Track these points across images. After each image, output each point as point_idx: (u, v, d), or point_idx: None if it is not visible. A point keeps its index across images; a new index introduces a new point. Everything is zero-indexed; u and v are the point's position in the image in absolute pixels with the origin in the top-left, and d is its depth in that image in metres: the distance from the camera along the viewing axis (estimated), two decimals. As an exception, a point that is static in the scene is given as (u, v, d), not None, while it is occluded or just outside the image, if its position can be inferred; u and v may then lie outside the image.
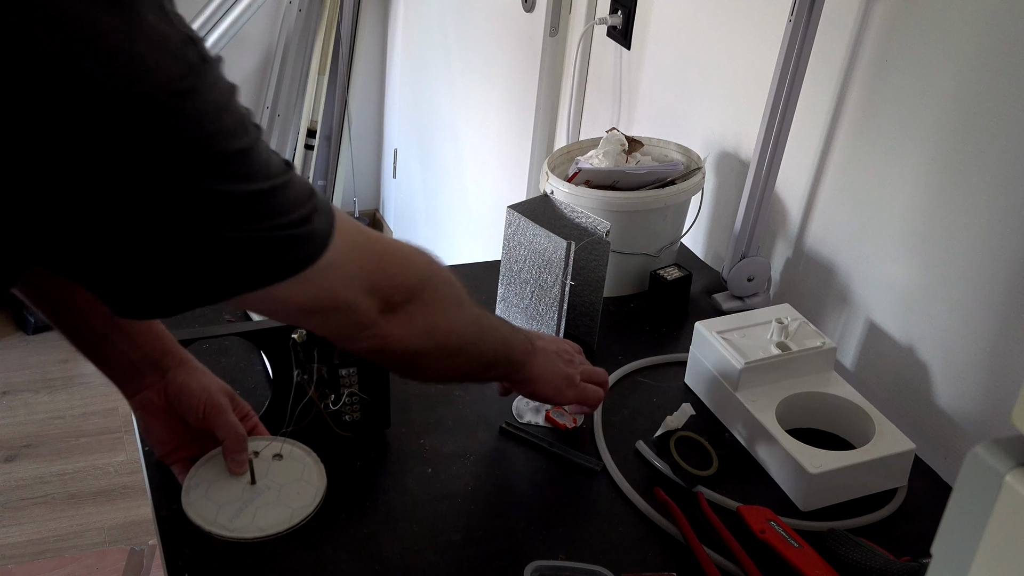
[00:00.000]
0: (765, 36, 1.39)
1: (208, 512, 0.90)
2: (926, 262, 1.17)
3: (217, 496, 0.91)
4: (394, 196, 3.44)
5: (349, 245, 0.73)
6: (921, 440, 1.14)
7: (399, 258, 0.82)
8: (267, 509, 0.90)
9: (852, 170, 1.27)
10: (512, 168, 2.32)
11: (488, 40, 2.42)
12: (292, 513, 0.90)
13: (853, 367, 1.30)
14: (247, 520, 0.89)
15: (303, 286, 0.70)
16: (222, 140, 0.62)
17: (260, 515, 0.90)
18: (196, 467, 0.94)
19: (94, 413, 2.71)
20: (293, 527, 0.89)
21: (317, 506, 0.91)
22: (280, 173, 0.66)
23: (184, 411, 0.94)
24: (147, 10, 0.58)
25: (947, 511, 0.51)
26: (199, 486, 0.92)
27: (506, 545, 0.97)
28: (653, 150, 1.48)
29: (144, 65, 0.57)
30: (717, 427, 1.16)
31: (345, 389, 1.04)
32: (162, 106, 0.57)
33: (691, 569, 0.96)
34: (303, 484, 0.93)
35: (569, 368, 1.06)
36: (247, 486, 0.92)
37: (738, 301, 1.40)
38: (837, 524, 1.02)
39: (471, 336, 0.90)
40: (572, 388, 1.05)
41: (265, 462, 0.95)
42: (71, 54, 0.54)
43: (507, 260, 1.25)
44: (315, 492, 0.93)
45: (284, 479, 0.94)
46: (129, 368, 0.93)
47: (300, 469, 0.95)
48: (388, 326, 0.80)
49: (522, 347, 0.99)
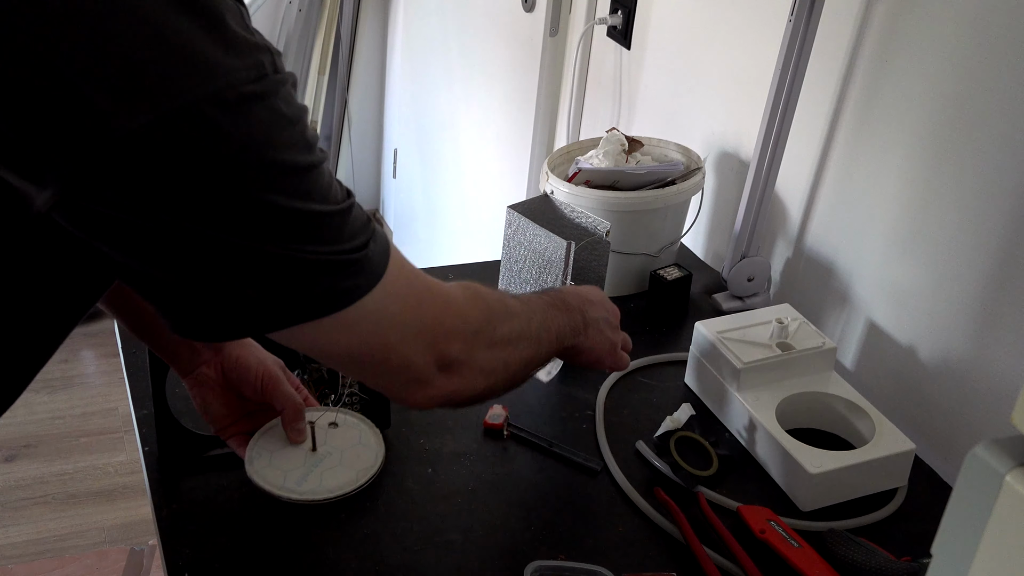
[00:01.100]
0: (765, 36, 1.39)
1: (275, 478, 0.93)
2: (926, 262, 1.17)
3: (281, 463, 0.95)
4: (394, 196, 3.44)
5: (404, 286, 0.71)
6: (921, 440, 1.14)
7: (456, 308, 0.77)
8: (332, 472, 0.95)
9: (852, 170, 1.27)
10: (512, 168, 2.32)
11: (488, 40, 2.42)
12: (357, 475, 0.95)
13: (853, 367, 1.30)
14: (315, 483, 0.93)
15: (351, 327, 0.68)
16: (286, 151, 0.61)
17: (326, 478, 0.94)
18: (256, 438, 0.97)
19: (94, 413, 2.71)
20: (360, 487, 0.94)
21: (380, 467, 0.96)
22: (341, 200, 0.65)
23: (241, 384, 0.97)
24: (230, 19, 0.58)
25: (947, 511, 0.51)
26: (262, 455, 0.96)
27: (506, 545, 0.97)
28: (653, 150, 1.48)
29: (219, 65, 0.57)
30: (717, 427, 1.16)
31: (345, 389, 1.04)
32: (230, 105, 0.57)
33: (691, 569, 0.96)
34: (362, 448, 0.98)
35: (615, 335, 1.02)
36: (309, 453, 0.96)
37: (738, 301, 1.40)
38: (837, 524, 1.02)
39: (529, 355, 0.87)
40: (612, 356, 1.02)
41: (322, 430, 0.98)
42: (150, 59, 0.55)
43: (507, 260, 1.25)
44: (375, 455, 0.98)
45: (343, 444, 0.98)
46: (185, 347, 0.95)
47: (357, 435, 0.99)
48: (448, 383, 0.77)
49: (575, 330, 0.95)
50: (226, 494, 1.00)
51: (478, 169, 2.59)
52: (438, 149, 2.89)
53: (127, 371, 1.15)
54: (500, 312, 0.83)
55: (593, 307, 1.00)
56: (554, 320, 0.93)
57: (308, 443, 0.97)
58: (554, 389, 1.20)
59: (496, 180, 2.46)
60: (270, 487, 0.93)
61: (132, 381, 1.14)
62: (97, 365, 2.88)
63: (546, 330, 0.90)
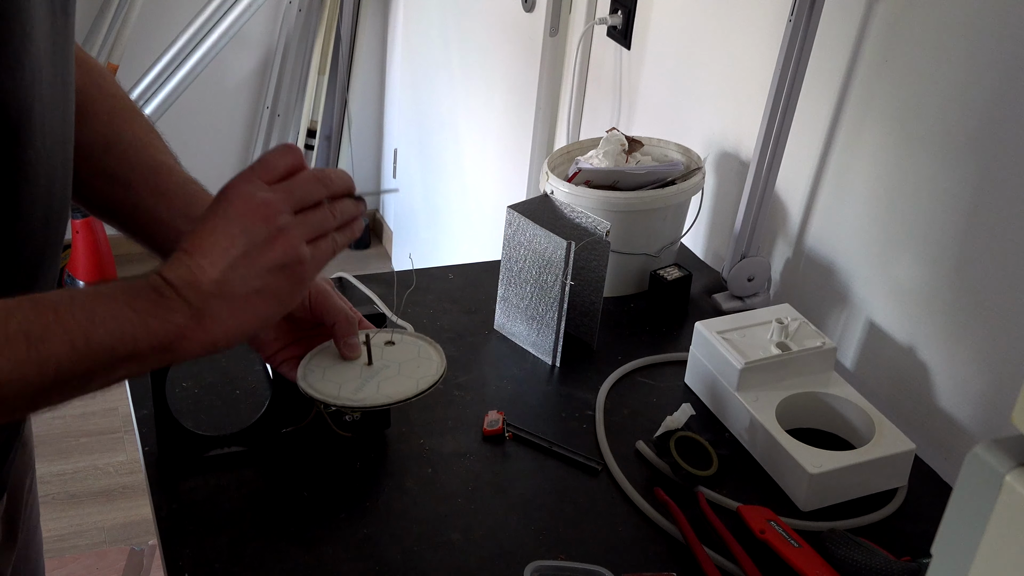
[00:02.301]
0: (765, 36, 1.39)
1: (330, 389, 0.89)
2: (926, 262, 1.17)
3: (335, 377, 0.91)
4: (394, 196, 3.44)
5: None
6: (921, 440, 1.14)
7: None
8: (390, 382, 0.90)
9: (852, 170, 1.27)
10: (512, 168, 2.32)
11: (488, 40, 2.42)
12: (417, 383, 0.90)
13: (853, 367, 1.30)
14: (371, 391, 0.89)
15: None
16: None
17: (384, 387, 0.90)
18: (308, 357, 0.93)
19: (94, 413, 2.71)
20: (421, 393, 0.89)
21: (442, 375, 0.91)
22: None
23: None
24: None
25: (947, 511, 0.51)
26: (314, 372, 0.91)
27: (506, 545, 0.97)
28: (653, 150, 1.48)
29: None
30: (717, 427, 1.16)
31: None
32: None
33: (691, 569, 0.96)
34: (422, 360, 0.94)
35: (271, 252, 0.73)
36: (364, 367, 0.92)
37: (738, 301, 1.40)
38: (837, 524, 1.02)
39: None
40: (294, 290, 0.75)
41: (378, 348, 0.95)
42: None
43: (507, 260, 1.25)
44: (436, 366, 0.93)
45: (402, 358, 0.94)
46: None
47: (416, 350, 0.95)
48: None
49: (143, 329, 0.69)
50: (226, 494, 1.00)
51: (478, 169, 2.59)
52: (438, 149, 2.89)
53: (127, 371, 1.15)
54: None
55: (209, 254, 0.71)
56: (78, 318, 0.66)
57: (363, 358, 0.93)
58: (554, 389, 1.20)
59: (496, 180, 2.46)
60: (324, 397, 0.88)
61: (132, 381, 1.13)
62: (97, 365, 2.88)
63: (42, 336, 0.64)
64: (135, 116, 0.94)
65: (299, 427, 1.03)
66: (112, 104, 0.92)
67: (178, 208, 0.89)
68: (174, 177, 0.91)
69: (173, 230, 0.89)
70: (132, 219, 0.91)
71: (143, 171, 0.90)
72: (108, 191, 0.90)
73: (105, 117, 0.91)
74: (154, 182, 0.90)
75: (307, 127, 3.29)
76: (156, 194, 0.90)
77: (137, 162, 0.90)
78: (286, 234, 0.74)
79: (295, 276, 0.75)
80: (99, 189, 0.90)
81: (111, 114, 0.91)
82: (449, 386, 1.18)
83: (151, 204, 0.90)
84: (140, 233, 0.92)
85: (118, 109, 0.92)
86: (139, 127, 0.93)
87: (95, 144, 0.88)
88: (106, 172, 0.89)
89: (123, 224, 0.92)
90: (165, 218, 0.89)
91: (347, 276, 1.34)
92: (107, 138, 0.90)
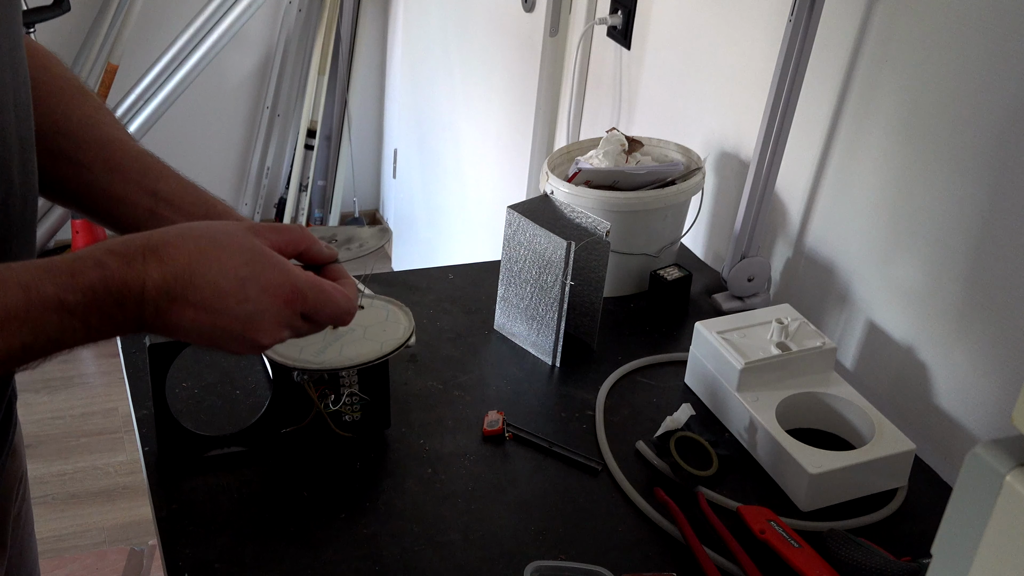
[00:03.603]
0: (765, 36, 1.39)
1: (291, 352, 0.88)
2: (926, 262, 1.17)
3: (298, 340, 0.86)
4: (394, 196, 3.44)
5: None
6: (921, 440, 1.14)
7: None
8: (353, 345, 0.89)
9: (852, 170, 1.27)
10: (512, 168, 2.32)
11: (488, 40, 2.42)
12: (381, 346, 0.89)
13: (853, 367, 1.30)
14: (334, 354, 0.88)
15: None
16: None
17: (347, 350, 0.88)
18: None
19: (94, 413, 2.71)
20: (384, 356, 0.88)
21: (407, 340, 0.90)
22: None
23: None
24: None
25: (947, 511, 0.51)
26: None
27: (506, 545, 0.97)
28: (653, 150, 1.48)
29: None
30: (717, 427, 1.16)
31: (345, 389, 1.04)
32: None
33: (691, 569, 0.96)
34: (389, 324, 0.92)
35: (243, 345, 0.77)
36: (329, 330, 0.90)
37: (738, 301, 1.40)
38: (837, 524, 1.02)
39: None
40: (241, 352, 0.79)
41: None
42: None
43: (507, 260, 1.25)
44: (404, 329, 0.92)
45: (368, 322, 0.92)
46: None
47: (384, 314, 0.94)
48: None
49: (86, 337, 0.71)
50: (226, 494, 1.00)
51: (478, 169, 2.59)
52: (438, 149, 2.89)
53: (127, 371, 1.15)
54: None
55: (186, 310, 0.73)
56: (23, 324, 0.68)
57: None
58: (554, 389, 1.20)
59: (496, 180, 2.46)
60: (284, 360, 0.86)
61: (132, 381, 1.14)
62: (97, 365, 2.88)
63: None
64: (84, 96, 0.93)
65: (299, 427, 1.03)
66: (60, 85, 0.91)
67: (132, 180, 0.89)
68: (127, 151, 0.90)
69: (129, 204, 0.89)
70: (87, 197, 0.90)
71: (94, 147, 0.89)
72: (60, 172, 0.89)
73: (53, 100, 0.90)
74: (106, 157, 0.89)
75: (307, 127, 3.29)
76: (109, 169, 0.89)
77: (87, 139, 0.90)
78: (268, 341, 0.78)
79: (249, 351, 0.78)
80: (51, 171, 0.89)
81: (59, 95, 0.90)
82: (449, 386, 1.18)
83: (105, 180, 0.89)
84: (97, 211, 0.91)
85: (66, 90, 0.91)
86: (88, 106, 0.92)
87: (44, 127, 0.87)
88: (57, 153, 0.88)
89: (79, 204, 0.92)
90: (119, 192, 0.89)
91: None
92: (56, 120, 0.89)
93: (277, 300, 0.76)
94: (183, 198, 0.90)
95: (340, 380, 1.04)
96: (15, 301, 0.67)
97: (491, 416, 1.11)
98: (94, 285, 0.70)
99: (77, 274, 0.70)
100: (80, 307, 0.70)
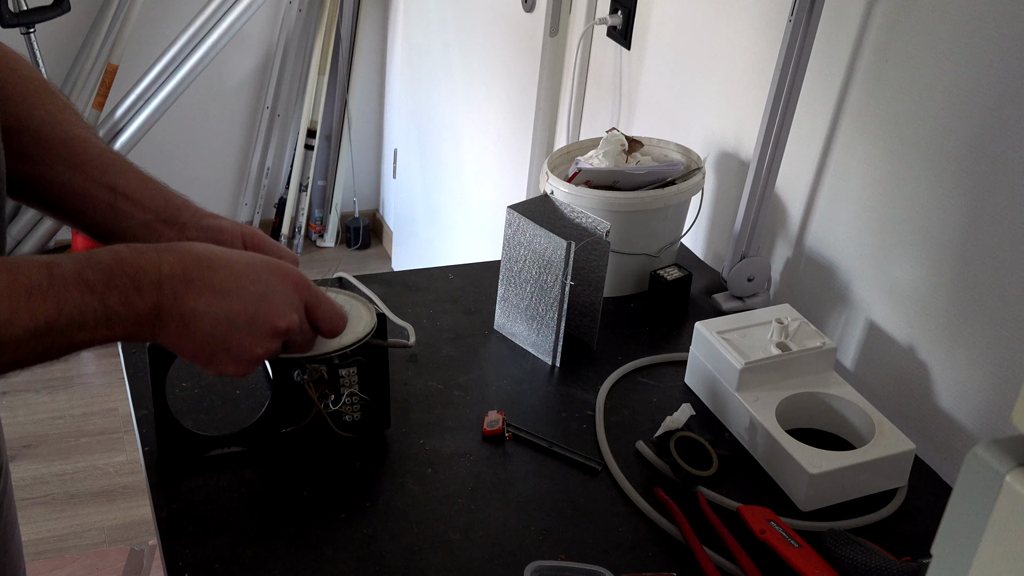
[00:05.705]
0: (765, 36, 1.39)
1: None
2: (926, 262, 1.17)
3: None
4: (394, 196, 3.44)
5: None
6: (921, 440, 1.14)
7: None
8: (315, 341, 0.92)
9: (852, 170, 1.27)
10: (512, 168, 2.32)
11: (488, 40, 2.42)
12: (340, 340, 0.93)
13: (853, 367, 1.30)
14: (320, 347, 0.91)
15: None
16: None
17: (329, 343, 0.92)
18: None
19: (94, 413, 2.71)
20: (342, 349, 0.92)
21: (368, 335, 0.94)
22: None
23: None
24: None
25: (947, 511, 0.51)
26: None
27: (506, 545, 0.97)
28: (653, 150, 1.48)
29: None
30: (717, 427, 1.16)
31: (345, 389, 1.04)
32: None
33: (691, 569, 0.96)
34: (352, 319, 0.95)
35: (260, 344, 0.82)
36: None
37: (738, 301, 1.40)
38: (837, 524, 1.02)
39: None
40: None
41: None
42: None
43: (507, 260, 1.25)
44: (365, 324, 0.96)
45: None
46: (142, 230, 0.92)
47: (347, 309, 0.96)
48: None
49: (116, 319, 0.74)
50: (226, 494, 1.00)
51: (478, 169, 2.59)
52: (438, 149, 2.89)
53: (127, 371, 1.16)
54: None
55: (204, 294, 0.77)
56: (47, 298, 0.71)
57: None
58: (554, 389, 1.20)
59: (496, 180, 2.46)
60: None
61: (132, 381, 1.14)
62: (97, 365, 2.88)
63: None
64: (49, 95, 0.93)
65: (299, 427, 1.03)
66: (24, 86, 0.91)
67: (94, 177, 0.90)
68: (89, 148, 0.91)
69: (88, 198, 0.90)
70: (48, 195, 0.91)
71: (56, 145, 0.90)
72: (23, 171, 0.90)
73: (17, 98, 0.90)
74: (68, 155, 0.90)
75: (307, 127, 3.29)
76: (71, 167, 0.89)
77: (50, 137, 0.90)
78: (283, 324, 0.83)
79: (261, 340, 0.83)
80: (15, 170, 0.89)
81: (23, 95, 0.91)
82: (449, 386, 1.18)
83: (67, 178, 0.90)
84: (59, 209, 0.92)
85: (30, 90, 0.92)
86: (52, 104, 0.92)
87: (7, 126, 0.87)
88: (19, 153, 0.89)
89: (42, 203, 0.92)
90: (81, 189, 0.89)
91: (346, 276, 1.34)
92: (19, 119, 0.89)
93: (287, 282, 0.83)
94: (142, 192, 0.92)
95: (340, 380, 1.04)
96: (38, 276, 0.71)
97: (491, 416, 1.11)
98: (111, 265, 0.74)
99: (94, 256, 0.75)
100: (100, 284, 0.73)
